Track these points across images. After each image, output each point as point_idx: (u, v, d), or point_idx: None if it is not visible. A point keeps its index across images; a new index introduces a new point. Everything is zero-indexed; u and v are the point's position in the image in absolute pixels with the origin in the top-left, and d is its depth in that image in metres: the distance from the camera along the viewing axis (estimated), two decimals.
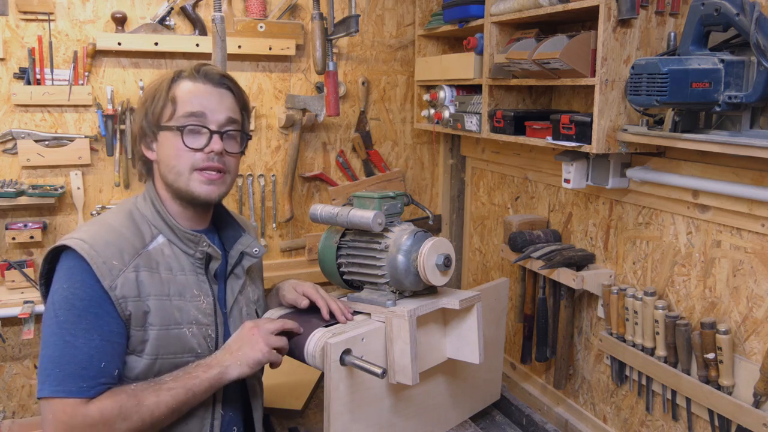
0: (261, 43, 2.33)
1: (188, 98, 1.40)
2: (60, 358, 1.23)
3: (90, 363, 1.23)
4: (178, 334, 1.36)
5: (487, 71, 2.04)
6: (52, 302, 1.27)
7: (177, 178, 1.39)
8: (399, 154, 2.72)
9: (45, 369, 1.23)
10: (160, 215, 1.41)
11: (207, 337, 1.41)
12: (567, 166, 1.82)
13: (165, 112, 1.39)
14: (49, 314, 1.27)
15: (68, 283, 1.27)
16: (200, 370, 1.33)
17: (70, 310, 1.25)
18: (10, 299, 2.14)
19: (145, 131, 1.42)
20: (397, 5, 2.60)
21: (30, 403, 2.32)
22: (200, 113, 1.39)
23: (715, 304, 1.55)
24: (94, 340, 1.25)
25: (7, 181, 2.14)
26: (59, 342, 1.23)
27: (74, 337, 1.24)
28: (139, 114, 1.43)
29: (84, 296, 1.26)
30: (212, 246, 1.44)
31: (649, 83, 1.35)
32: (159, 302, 1.34)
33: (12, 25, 2.11)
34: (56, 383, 1.21)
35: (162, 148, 1.41)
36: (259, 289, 1.63)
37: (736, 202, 1.45)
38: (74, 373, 1.22)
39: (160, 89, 1.40)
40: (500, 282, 1.95)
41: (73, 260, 1.28)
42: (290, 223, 2.55)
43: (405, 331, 1.46)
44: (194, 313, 1.39)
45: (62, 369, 1.22)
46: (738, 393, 1.47)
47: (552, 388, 2.13)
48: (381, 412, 1.56)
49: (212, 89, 1.42)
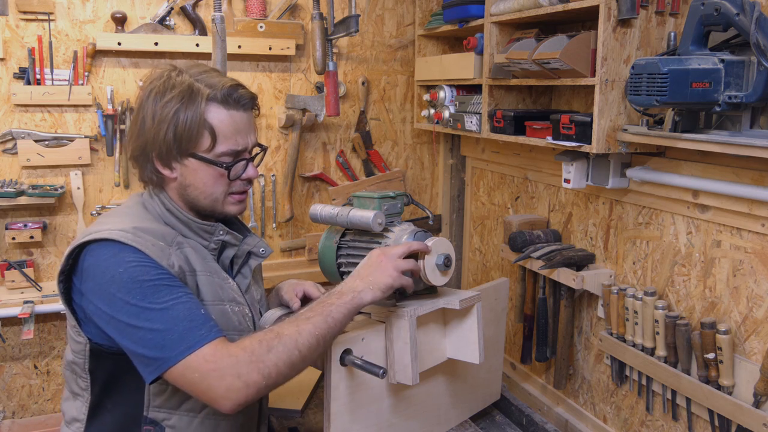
0: (261, 43, 2.33)
1: (229, 132, 1.33)
2: (164, 324, 1.18)
3: (193, 314, 1.20)
4: (222, 311, 1.36)
5: (487, 71, 2.04)
6: (114, 292, 1.20)
7: (213, 203, 1.38)
8: (399, 154, 2.72)
9: (155, 344, 1.17)
10: (172, 213, 1.39)
11: (245, 315, 1.42)
12: (567, 166, 1.82)
13: (202, 143, 1.32)
14: (117, 304, 1.19)
15: (123, 266, 1.21)
16: (334, 297, 1.31)
17: (142, 286, 1.19)
18: (10, 299, 2.14)
19: (170, 151, 1.32)
20: (397, 5, 2.60)
21: (30, 403, 2.32)
22: (243, 149, 1.37)
23: (715, 304, 1.55)
24: (181, 297, 1.21)
25: (7, 181, 2.14)
26: (153, 315, 1.18)
27: (164, 304, 1.19)
28: (158, 127, 1.30)
29: (149, 269, 1.21)
30: (230, 232, 1.44)
31: (649, 83, 1.35)
32: (206, 277, 1.34)
33: (12, 25, 2.11)
34: (176, 346, 1.16)
35: (195, 176, 1.35)
36: (261, 289, 1.63)
37: (736, 202, 1.45)
38: (187, 329, 1.18)
39: (191, 112, 1.30)
40: (500, 282, 1.95)
41: (116, 248, 1.22)
42: (290, 223, 2.55)
43: (405, 331, 1.46)
44: (231, 293, 1.40)
45: (173, 332, 1.17)
46: (738, 393, 1.47)
47: (552, 388, 2.13)
48: (381, 412, 1.56)
49: (244, 115, 1.37)
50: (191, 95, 1.31)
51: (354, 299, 1.31)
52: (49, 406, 2.35)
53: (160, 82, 1.34)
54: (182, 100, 1.30)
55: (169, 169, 1.36)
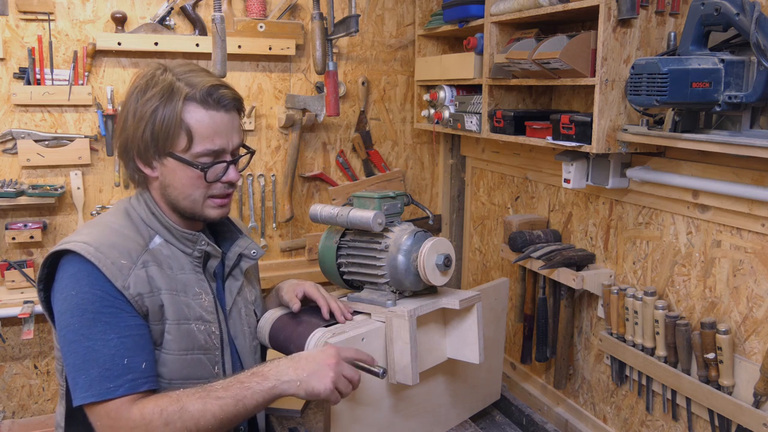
0: (261, 43, 2.33)
1: (206, 133, 1.31)
2: (83, 364, 1.21)
3: (113, 362, 1.22)
4: (187, 330, 1.35)
5: (487, 71, 2.04)
6: (63, 311, 1.24)
7: (192, 204, 1.37)
8: (399, 154, 2.72)
9: (73, 378, 1.22)
10: (156, 217, 1.39)
11: (212, 333, 1.40)
12: (567, 166, 1.82)
13: (178, 142, 1.30)
14: (62, 323, 1.24)
15: (76, 289, 1.24)
16: (255, 380, 1.26)
17: (83, 315, 1.23)
18: (10, 299, 2.14)
19: (148, 150, 1.32)
20: (397, 5, 2.60)
21: (30, 403, 2.32)
22: (221, 150, 1.34)
23: (715, 304, 1.55)
24: (111, 340, 1.23)
25: (7, 181, 2.14)
26: (79, 349, 1.22)
27: (92, 341, 1.22)
28: (137, 126, 1.30)
29: (95, 299, 1.24)
30: (211, 244, 1.43)
31: (649, 83, 1.35)
32: (170, 296, 1.33)
33: (12, 25, 2.11)
34: (84, 389, 1.20)
35: (171, 175, 1.34)
36: (256, 290, 1.62)
37: (736, 202, 1.45)
38: (99, 376, 1.20)
39: (168, 111, 1.29)
40: (500, 282, 1.95)
41: (78, 264, 1.25)
42: (290, 223, 2.55)
43: (405, 331, 1.46)
44: (198, 310, 1.38)
45: (87, 374, 1.21)
46: (738, 393, 1.47)
47: (552, 388, 2.13)
48: (381, 412, 1.56)
49: (226, 116, 1.34)
50: (170, 94, 1.30)
51: (275, 389, 1.25)
52: (49, 406, 2.35)
53: (144, 80, 1.33)
54: (161, 98, 1.29)
55: (149, 168, 1.36)
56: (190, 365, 1.35)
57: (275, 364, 1.29)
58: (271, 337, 1.54)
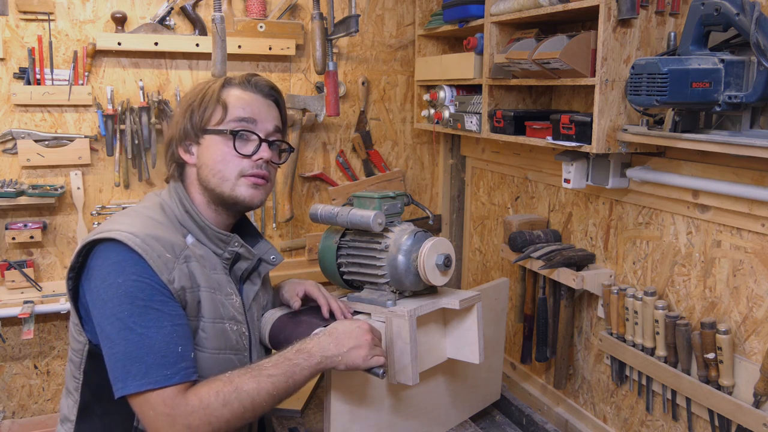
0: (261, 43, 2.33)
1: (239, 104, 1.40)
2: (137, 351, 1.19)
3: (168, 350, 1.21)
4: (222, 329, 1.36)
5: (487, 71, 2.04)
6: (108, 298, 1.21)
7: (221, 182, 1.38)
8: (399, 154, 2.72)
9: (124, 366, 1.20)
10: (189, 215, 1.39)
11: (242, 334, 1.42)
12: (567, 166, 1.82)
13: (214, 116, 1.39)
14: (107, 311, 1.21)
15: (123, 276, 1.22)
16: (301, 356, 1.30)
17: (134, 303, 1.21)
18: (10, 299, 2.14)
19: (188, 133, 1.40)
20: (397, 5, 2.60)
21: (30, 403, 2.32)
22: (251, 119, 1.40)
23: (715, 304, 1.55)
24: (165, 327, 1.22)
25: (7, 181, 2.14)
26: (132, 336, 1.20)
27: (146, 329, 1.20)
28: (182, 116, 1.41)
29: (144, 287, 1.22)
30: (245, 245, 1.44)
31: (649, 83, 1.35)
32: (208, 294, 1.34)
33: (12, 25, 2.11)
34: (140, 377, 1.18)
35: (207, 152, 1.39)
36: (269, 295, 1.63)
37: (736, 202, 1.45)
38: (156, 363, 1.19)
39: (209, 93, 1.40)
40: (500, 282, 1.95)
41: (123, 253, 1.23)
42: (290, 223, 2.55)
43: (405, 331, 1.46)
44: (231, 311, 1.40)
45: (143, 362, 1.19)
46: (738, 393, 1.47)
47: (552, 388, 2.13)
48: (381, 412, 1.56)
49: (262, 99, 1.44)
50: (212, 83, 1.44)
51: (320, 364, 1.32)
52: (49, 406, 2.35)
53: (201, 87, 1.48)
54: (204, 88, 1.43)
55: (188, 154, 1.42)
56: (221, 364, 1.35)
57: (316, 341, 1.35)
58: (271, 336, 1.54)
